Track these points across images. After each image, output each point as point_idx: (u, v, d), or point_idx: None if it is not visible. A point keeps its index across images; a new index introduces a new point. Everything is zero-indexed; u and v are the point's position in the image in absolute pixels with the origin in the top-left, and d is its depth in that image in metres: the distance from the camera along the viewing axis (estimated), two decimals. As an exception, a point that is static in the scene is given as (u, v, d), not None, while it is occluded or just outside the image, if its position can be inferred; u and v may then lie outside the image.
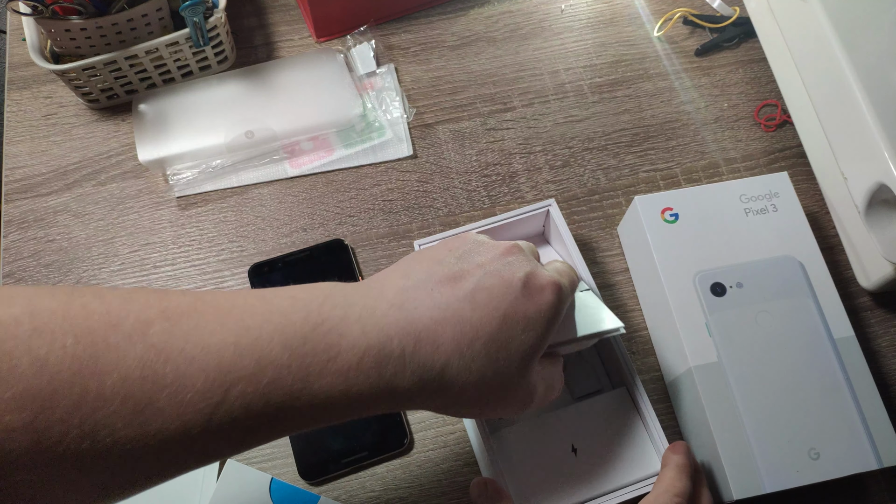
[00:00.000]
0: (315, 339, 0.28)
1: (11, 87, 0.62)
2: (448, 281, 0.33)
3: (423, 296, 0.32)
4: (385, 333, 0.30)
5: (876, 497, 0.48)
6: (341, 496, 0.47)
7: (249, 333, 0.28)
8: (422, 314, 0.31)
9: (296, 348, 0.28)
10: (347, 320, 0.30)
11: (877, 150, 0.46)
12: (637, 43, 0.65)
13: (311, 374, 0.28)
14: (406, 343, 0.30)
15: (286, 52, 0.64)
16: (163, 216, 0.57)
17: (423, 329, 0.31)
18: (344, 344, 0.29)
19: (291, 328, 0.28)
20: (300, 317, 0.29)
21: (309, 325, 0.29)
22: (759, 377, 0.45)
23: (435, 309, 0.31)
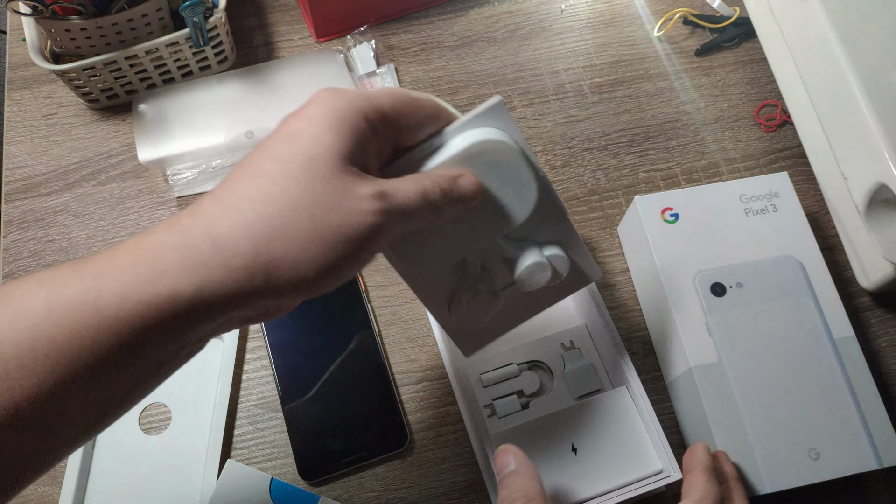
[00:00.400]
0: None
1: (11, 87, 0.62)
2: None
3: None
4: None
5: (876, 497, 0.48)
6: (341, 496, 0.47)
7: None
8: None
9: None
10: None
11: (877, 150, 0.46)
12: (637, 43, 0.65)
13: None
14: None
15: (286, 52, 0.64)
16: (163, 216, 0.57)
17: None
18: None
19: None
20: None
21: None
22: (759, 377, 0.45)
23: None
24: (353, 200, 0.27)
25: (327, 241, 0.26)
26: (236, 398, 0.50)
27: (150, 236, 0.27)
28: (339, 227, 0.26)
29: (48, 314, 0.25)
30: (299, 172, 0.27)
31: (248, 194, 0.27)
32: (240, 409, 0.50)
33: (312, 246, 0.26)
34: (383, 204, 0.28)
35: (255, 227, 0.26)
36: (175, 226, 0.27)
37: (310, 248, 0.26)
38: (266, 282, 0.26)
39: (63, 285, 0.26)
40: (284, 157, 0.27)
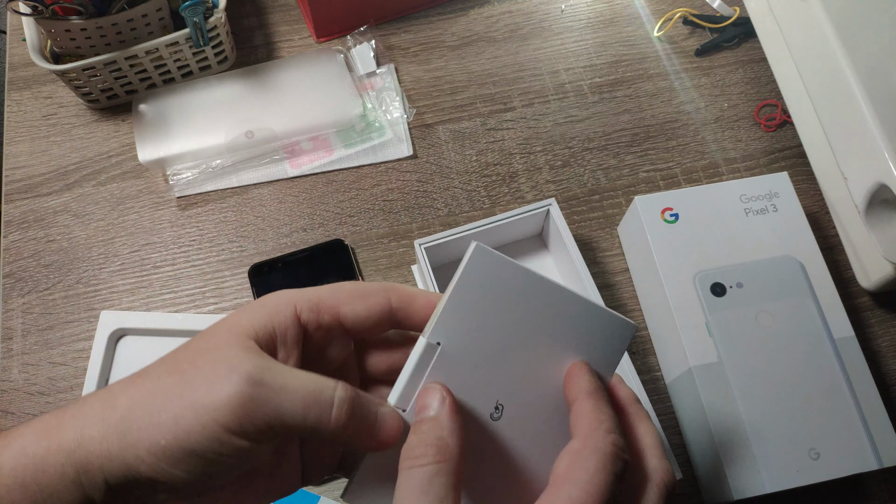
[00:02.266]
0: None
1: (11, 87, 0.62)
2: None
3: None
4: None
5: (876, 497, 0.48)
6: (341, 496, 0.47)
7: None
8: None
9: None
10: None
11: (877, 150, 0.46)
12: (637, 43, 0.65)
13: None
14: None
15: (286, 52, 0.64)
16: (163, 216, 0.57)
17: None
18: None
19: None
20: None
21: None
22: (759, 377, 0.45)
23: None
24: (223, 368, 0.25)
25: (183, 407, 0.24)
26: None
27: (81, 397, 0.27)
28: (196, 393, 0.25)
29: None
30: (199, 344, 0.27)
31: (155, 362, 0.27)
32: (240, 409, 0.50)
33: (168, 408, 0.25)
34: (257, 374, 0.25)
35: (139, 383, 0.26)
36: (107, 386, 0.27)
37: (165, 411, 0.25)
38: (127, 446, 0.25)
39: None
40: (199, 338, 0.27)
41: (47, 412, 0.27)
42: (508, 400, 0.30)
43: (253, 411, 0.24)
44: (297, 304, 0.28)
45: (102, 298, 0.54)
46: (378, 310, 0.29)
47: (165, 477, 0.25)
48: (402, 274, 0.54)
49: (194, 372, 0.25)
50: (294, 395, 0.25)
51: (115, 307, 0.53)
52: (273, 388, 0.25)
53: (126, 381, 0.26)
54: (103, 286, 0.54)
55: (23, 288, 0.54)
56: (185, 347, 0.27)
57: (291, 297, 0.28)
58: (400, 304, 0.29)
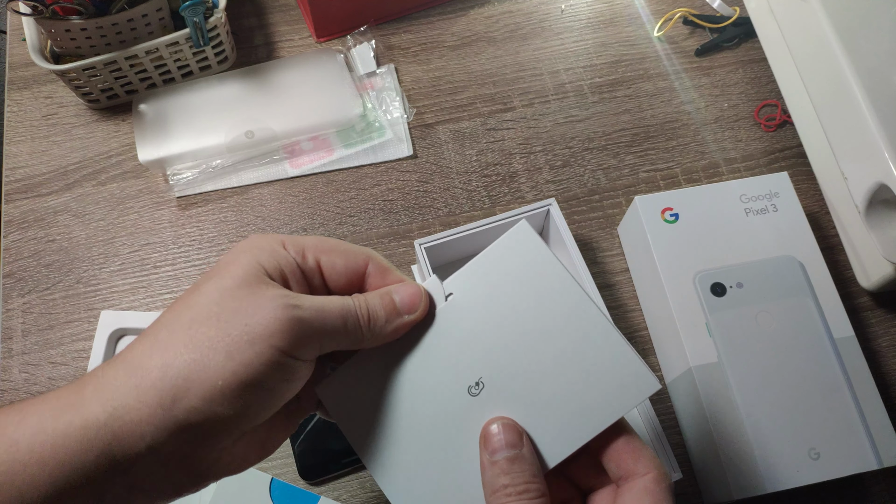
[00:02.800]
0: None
1: (11, 87, 0.62)
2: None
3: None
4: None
5: (876, 497, 0.48)
6: (341, 496, 0.47)
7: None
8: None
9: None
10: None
11: (877, 150, 0.46)
12: (637, 43, 0.65)
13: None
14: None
15: (286, 52, 0.64)
16: (163, 216, 0.57)
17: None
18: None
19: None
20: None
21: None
22: (759, 377, 0.45)
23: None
24: (262, 300, 0.26)
25: (234, 342, 0.25)
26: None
27: (87, 374, 0.27)
28: (245, 326, 0.26)
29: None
30: (210, 288, 0.27)
31: (165, 318, 0.27)
32: (240, 409, 0.50)
33: (219, 350, 0.25)
34: (293, 301, 0.27)
35: (162, 347, 0.26)
36: (108, 361, 0.27)
37: (216, 354, 0.25)
38: (175, 402, 0.25)
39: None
40: (201, 283, 0.28)
41: (57, 388, 0.27)
42: (492, 382, 0.30)
43: (304, 331, 0.26)
44: (284, 243, 0.29)
45: (102, 298, 0.54)
46: (354, 269, 0.30)
47: (216, 421, 0.25)
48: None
49: (233, 312, 0.26)
50: (332, 312, 0.28)
51: (115, 307, 0.53)
52: (313, 310, 0.27)
53: (142, 344, 0.26)
54: (103, 286, 0.54)
55: (23, 288, 0.54)
56: (199, 302, 0.27)
57: (279, 238, 0.29)
58: (374, 271, 0.31)
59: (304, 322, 0.26)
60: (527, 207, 0.50)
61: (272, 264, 0.28)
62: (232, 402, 0.25)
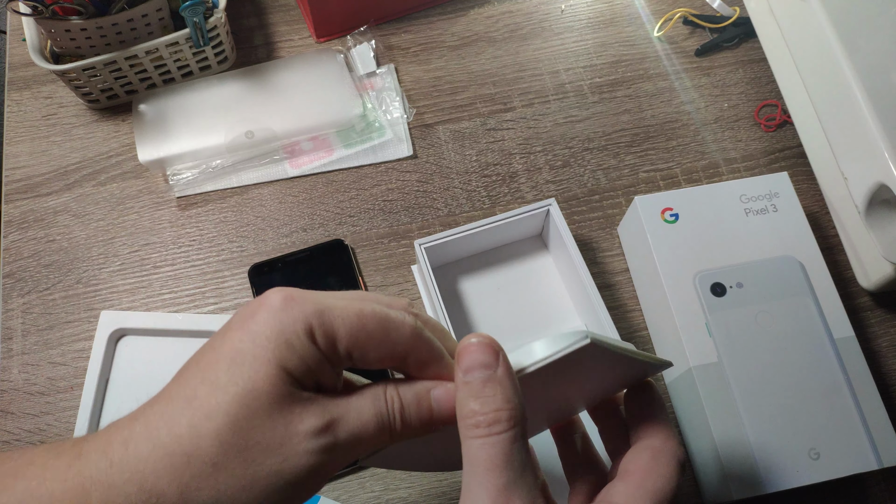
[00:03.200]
0: None
1: (11, 87, 0.62)
2: None
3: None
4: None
5: (876, 497, 0.48)
6: (341, 496, 0.47)
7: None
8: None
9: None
10: None
11: (877, 150, 0.46)
12: (637, 43, 0.65)
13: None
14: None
15: (286, 52, 0.64)
16: (163, 216, 0.57)
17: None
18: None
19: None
20: None
21: None
22: (759, 377, 0.45)
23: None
24: (295, 440, 0.24)
25: (263, 488, 0.24)
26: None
27: (80, 462, 0.24)
28: (277, 473, 0.24)
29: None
30: (236, 409, 0.24)
31: (179, 430, 0.24)
32: (240, 409, 0.50)
33: (247, 495, 0.24)
34: (329, 439, 0.24)
35: (184, 473, 0.23)
36: (106, 456, 0.24)
37: (244, 497, 0.24)
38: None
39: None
40: (222, 386, 0.24)
41: (48, 473, 0.24)
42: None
43: (333, 467, 0.25)
44: (313, 331, 0.25)
45: (102, 298, 0.54)
46: (388, 361, 0.26)
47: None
48: (402, 274, 0.54)
49: (261, 450, 0.24)
50: (366, 432, 0.25)
51: (115, 307, 0.53)
52: (348, 441, 0.25)
53: (157, 459, 0.24)
54: (103, 286, 0.54)
55: (23, 288, 0.54)
56: (219, 410, 0.24)
57: (307, 321, 0.25)
58: (414, 363, 0.27)
59: (336, 459, 0.25)
60: (527, 207, 0.50)
61: (301, 369, 0.24)
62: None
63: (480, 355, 0.25)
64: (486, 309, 0.52)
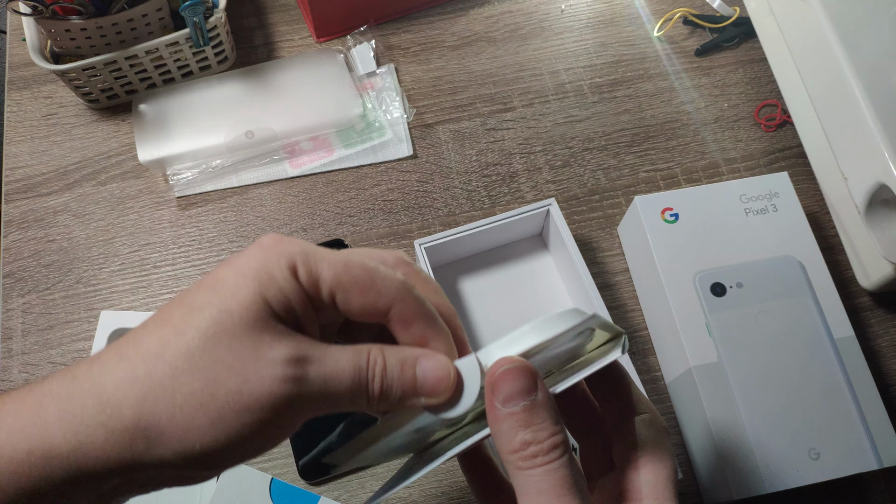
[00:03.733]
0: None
1: (11, 87, 0.62)
2: None
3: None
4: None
5: (876, 497, 0.48)
6: (341, 496, 0.47)
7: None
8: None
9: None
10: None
11: (877, 150, 0.46)
12: (637, 43, 0.65)
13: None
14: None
15: (286, 52, 0.64)
16: (163, 216, 0.57)
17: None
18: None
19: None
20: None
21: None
22: (759, 377, 0.45)
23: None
24: (261, 363, 0.23)
25: (220, 408, 0.23)
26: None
27: (43, 383, 0.24)
28: (237, 393, 0.23)
29: None
30: (207, 326, 0.23)
31: (147, 345, 0.24)
32: (240, 409, 0.50)
33: (202, 414, 0.23)
34: (297, 371, 0.23)
35: (142, 386, 0.23)
36: (69, 373, 0.24)
37: (199, 416, 0.23)
38: (147, 450, 0.23)
39: None
40: (198, 306, 0.24)
41: (13, 393, 0.24)
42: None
43: (301, 406, 0.24)
44: (296, 269, 0.25)
45: (102, 298, 0.54)
46: (373, 311, 0.26)
47: (189, 469, 0.24)
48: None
49: (225, 369, 0.23)
50: (338, 382, 0.24)
51: (115, 307, 0.53)
52: (316, 381, 0.24)
53: (118, 369, 0.23)
54: (103, 286, 0.54)
55: (23, 288, 0.54)
56: (189, 333, 0.23)
57: (292, 259, 0.25)
58: (398, 316, 0.26)
59: (304, 398, 0.23)
60: (527, 207, 0.50)
61: (280, 300, 0.24)
62: (206, 462, 0.24)
63: (521, 382, 0.24)
64: (486, 309, 0.52)
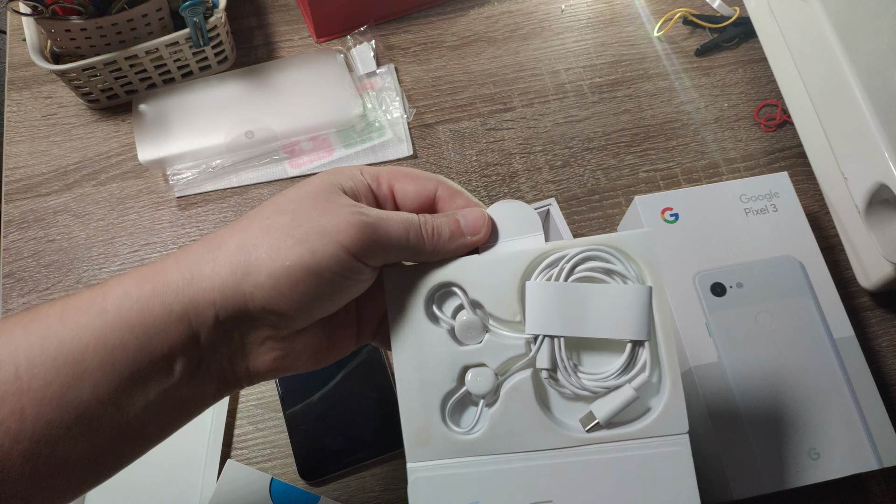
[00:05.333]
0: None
1: (11, 87, 0.62)
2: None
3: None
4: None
5: (876, 497, 0.48)
6: (341, 496, 0.47)
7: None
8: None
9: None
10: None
11: (877, 150, 0.46)
12: (637, 43, 0.65)
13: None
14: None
15: (286, 52, 0.64)
16: (163, 216, 0.57)
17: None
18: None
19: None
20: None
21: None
22: (759, 377, 0.45)
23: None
24: (335, 206, 0.29)
25: (306, 232, 0.28)
26: (236, 398, 0.50)
27: (168, 253, 0.30)
28: (319, 222, 0.28)
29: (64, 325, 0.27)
30: (291, 193, 0.30)
31: (248, 214, 0.30)
32: (240, 409, 0.50)
33: (290, 235, 0.28)
34: (359, 210, 0.29)
35: (244, 227, 0.29)
36: (190, 243, 0.30)
37: (287, 238, 0.28)
38: (245, 276, 0.27)
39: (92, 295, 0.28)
40: (289, 192, 0.30)
41: (141, 266, 0.29)
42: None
43: (369, 235, 0.28)
44: (362, 171, 0.32)
45: (102, 298, 0.54)
46: (425, 194, 0.32)
47: (278, 303, 0.28)
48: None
49: (308, 210, 0.29)
50: (395, 222, 0.30)
51: (115, 307, 0.53)
52: (378, 218, 0.29)
53: (224, 229, 0.29)
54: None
55: (23, 288, 0.54)
56: (279, 201, 0.30)
57: (357, 166, 0.32)
58: (445, 195, 0.33)
59: (370, 226, 0.29)
60: (527, 207, 0.50)
61: (349, 185, 0.31)
62: (295, 285, 0.27)
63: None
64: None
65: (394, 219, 0.30)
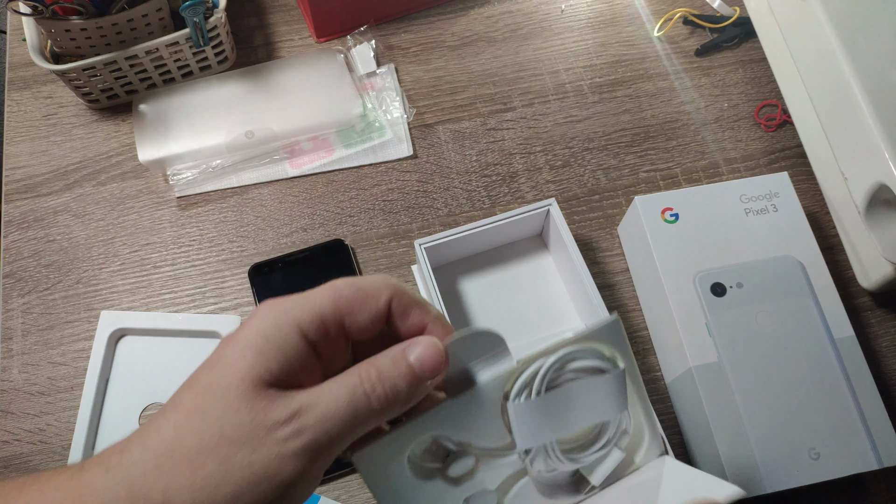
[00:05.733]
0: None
1: (11, 87, 0.62)
2: None
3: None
4: None
5: (876, 497, 0.48)
6: (341, 496, 0.47)
7: None
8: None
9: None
10: None
11: (877, 150, 0.46)
12: (637, 43, 0.65)
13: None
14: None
15: (286, 52, 0.64)
16: (163, 216, 0.57)
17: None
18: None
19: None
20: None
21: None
22: (759, 377, 0.45)
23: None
24: (261, 432, 0.24)
25: (237, 483, 0.24)
26: (236, 398, 0.50)
27: (81, 474, 0.25)
28: (249, 466, 0.24)
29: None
30: (211, 405, 0.25)
31: (164, 433, 0.25)
32: (240, 409, 0.50)
33: (221, 493, 0.24)
34: (295, 426, 0.25)
35: (166, 474, 0.24)
36: (103, 463, 0.25)
37: (218, 495, 0.24)
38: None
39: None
40: (202, 388, 0.25)
41: (48, 485, 0.25)
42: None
43: (311, 459, 0.25)
44: (301, 327, 0.26)
45: (102, 298, 0.54)
46: (379, 317, 0.28)
47: None
48: (402, 274, 0.54)
49: (234, 446, 0.24)
50: (337, 419, 0.25)
51: (115, 307, 0.53)
52: (316, 421, 0.25)
53: (144, 463, 0.25)
54: (103, 286, 0.54)
55: (23, 288, 0.54)
56: (200, 419, 0.25)
57: (294, 321, 0.26)
58: (398, 308, 0.28)
59: (310, 450, 0.25)
60: (527, 207, 0.50)
61: (281, 365, 0.26)
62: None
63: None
64: (486, 309, 0.52)
65: (333, 408, 0.25)
